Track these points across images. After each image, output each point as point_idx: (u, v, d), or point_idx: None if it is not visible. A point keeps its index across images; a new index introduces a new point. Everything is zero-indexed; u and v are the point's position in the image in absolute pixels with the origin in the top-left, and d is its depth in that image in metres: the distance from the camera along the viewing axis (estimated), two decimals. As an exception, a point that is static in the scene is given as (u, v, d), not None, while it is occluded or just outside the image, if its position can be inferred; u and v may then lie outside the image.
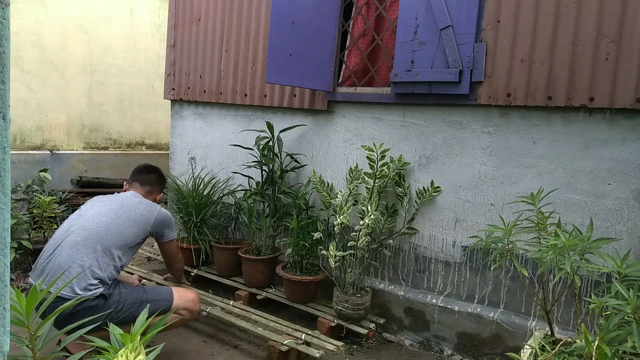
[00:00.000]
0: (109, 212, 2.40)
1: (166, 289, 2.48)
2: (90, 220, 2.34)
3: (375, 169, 2.80)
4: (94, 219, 2.34)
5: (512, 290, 2.63)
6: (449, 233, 2.81)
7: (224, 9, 3.71)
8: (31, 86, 5.11)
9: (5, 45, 0.75)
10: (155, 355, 1.26)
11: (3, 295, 0.79)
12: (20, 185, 4.68)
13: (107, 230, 2.32)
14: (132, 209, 2.46)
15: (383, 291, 3.03)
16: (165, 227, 2.61)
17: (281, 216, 3.31)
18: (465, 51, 2.58)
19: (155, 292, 2.42)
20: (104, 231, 2.31)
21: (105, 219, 2.35)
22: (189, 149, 4.12)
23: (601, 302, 1.44)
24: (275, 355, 2.53)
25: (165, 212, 2.62)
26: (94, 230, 2.29)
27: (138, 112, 6.16)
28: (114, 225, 2.35)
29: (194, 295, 2.52)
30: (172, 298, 2.40)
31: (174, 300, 2.40)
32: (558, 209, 2.41)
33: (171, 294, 2.42)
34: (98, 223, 2.33)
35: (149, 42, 6.14)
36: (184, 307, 2.43)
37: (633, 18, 2.18)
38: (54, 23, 5.21)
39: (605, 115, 2.32)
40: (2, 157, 0.76)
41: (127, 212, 2.44)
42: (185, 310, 2.44)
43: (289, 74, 2.93)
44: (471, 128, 2.70)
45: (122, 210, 2.44)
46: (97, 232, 2.29)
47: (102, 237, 2.29)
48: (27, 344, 1.31)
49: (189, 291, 2.58)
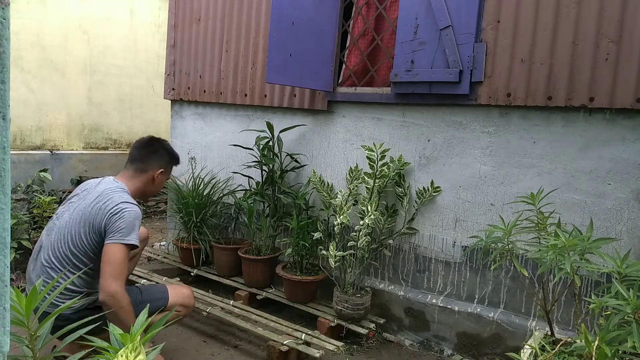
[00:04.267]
0: (68, 219, 2.16)
1: (160, 287, 2.43)
2: (54, 234, 2.16)
3: (375, 169, 2.80)
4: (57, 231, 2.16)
5: (512, 290, 2.63)
6: (449, 233, 2.81)
7: (224, 9, 3.71)
8: (31, 86, 5.11)
9: (5, 45, 0.75)
10: (155, 355, 1.26)
11: (3, 295, 0.79)
12: (20, 185, 4.68)
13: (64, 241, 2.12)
14: (93, 207, 2.12)
15: (383, 291, 3.03)
16: (115, 221, 2.07)
17: (281, 216, 3.31)
18: (465, 51, 2.58)
19: (151, 292, 2.35)
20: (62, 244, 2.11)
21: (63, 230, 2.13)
22: (189, 149, 4.12)
23: (601, 302, 1.44)
24: (275, 355, 2.53)
25: (123, 208, 2.09)
26: (54, 246, 2.12)
27: (138, 112, 6.16)
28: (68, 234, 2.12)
29: (188, 291, 2.46)
30: (167, 296, 2.34)
31: (170, 298, 2.34)
32: (558, 209, 2.41)
33: (166, 292, 2.36)
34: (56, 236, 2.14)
35: (149, 42, 6.14)
36: (180, 303, 2.36)
37: (633, 18, 2.18)
38: (54, 23, 5.21)
39: (605, 115, 2.32)
40: (2, 157, 0.76)
41: (87, 211, 2.12)
42: (182, 307, 2.38)
43: (289, 74, 2.93)
44: (471, 128, 2.70)
45: (84, 212, 2.13)
46: (57, 247, 2.12)
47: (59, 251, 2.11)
48: (27, 344, 1.31)
49: (183, 287, 2.53)
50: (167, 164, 2.43)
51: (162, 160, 2.38)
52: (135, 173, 2.32)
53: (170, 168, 2.47)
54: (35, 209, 3.89)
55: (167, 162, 2.42)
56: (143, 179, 2.33)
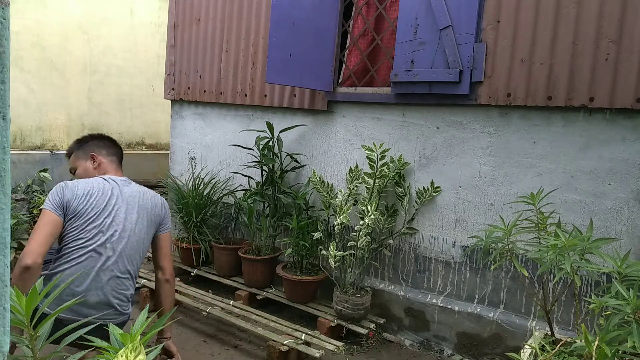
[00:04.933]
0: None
1: None
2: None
3: (375, 169, 2.80)
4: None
5: (512, 290, 2.63)
6: (449, 233, 2.81)
7: (224, 9, 3.71)
8: (31, 86, 5.11)
9: (5, 45, 0.75)
10: (156, 355, 1.26)
11: (3, 295, 0.79)
12: (20, 185, 4.68)
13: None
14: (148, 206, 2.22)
15: (383, 291, 3.03)
16: (167, 213, 2.31)
17: (281, 216, 3.31)
18: (465, 51, 2.58)
19: None
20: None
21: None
22: (189, 149, 4.12)
23: (601, 302, 1.44)
24: (275, 355, 2.53)
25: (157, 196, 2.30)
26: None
27: (138, 112, 6.16)
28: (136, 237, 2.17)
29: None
30: None
31: None
32: (558, 209, 2.41)
33: None
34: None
35: (149, 42, 6.14)
36: None
37: (633, 18, 2.18)
38: (54, 23, 5.21)
39: (605, 115, 2.32)
40: (2, 157, 0.76)
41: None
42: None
43: (289, 74, 2.93)
44: (471, 128, 2.70)
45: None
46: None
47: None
48: (27, 344, 1.31)
49: None
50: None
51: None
52: (119, 166, 2.36)
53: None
54: (35, 209, 3.89)
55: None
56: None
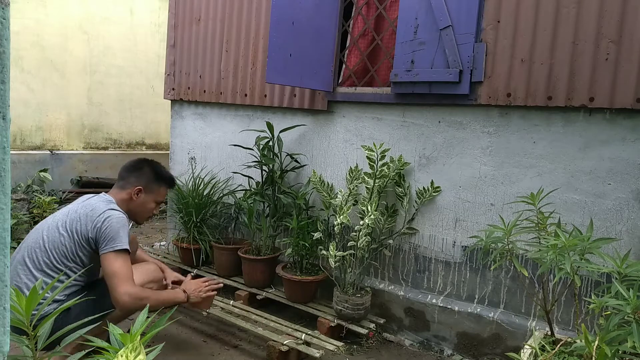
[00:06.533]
0: (52, 223, 2.19)
1: None
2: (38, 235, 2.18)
3: (375, 169, 2.80)
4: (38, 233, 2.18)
5: (512, 290, 2.63)
6: (449, 233, 2.81)
7: (224, 9, 3.71)
8: (31, 86, 5.11)
9: (5, 45, 0.75)
10: (155, 355, 1.26)
11: (3, 295, 0.79)
12: (20, 185, 4.68)
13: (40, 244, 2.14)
14: (75, 215, 2.18)
15: (383, 291, 3.03)
16: (102, 234, 2.11)
17: (281, 216, 3.31)
18: (465, 51, 2.58)
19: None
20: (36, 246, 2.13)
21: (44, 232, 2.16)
22: (189, 149, 4.12)
23: (601, 302, 1.44)
24: (275, 355, 2.53)
25: (107, 216, 2.12)
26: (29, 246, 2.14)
27: (138, 112, 6.16)
28: (52, 238, 2.14)
29: (153, 266, 2.36)
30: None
31: (137, 280, 2.17)
32: (558, 209, 2.41)
33: None
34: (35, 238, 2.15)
35: (149, 42, 6.15)
36: (150, 280, 2.26)
37: (633, 18, 2.18)
38: (54, 23, 5.21)
39: (605, 115, 2.32)
40: (2, 157, 0.76)
41: (71, 221, 2.17)
42: (152, 282, 2.30)
43: (289, 74, 2.93)
44: (471, 128, 2.70)
45: (68, 220, 2.18)
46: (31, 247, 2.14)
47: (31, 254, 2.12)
48: (27, 344, 1.31)
49: (148, 264, 2.39)
50: (150, 183, 2.37)
51: (142, 179, 2.35)
52: (116, 189, 2.34)
53: (155, 188, 2.39)
54: (35, 209, 3.89)
55: (150, 181, 2.37)
56: (123, 196, 2.31)
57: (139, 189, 2.34)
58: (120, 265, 2.06)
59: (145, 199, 2.37)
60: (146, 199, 2.37)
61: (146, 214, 2.45)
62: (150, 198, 2.39)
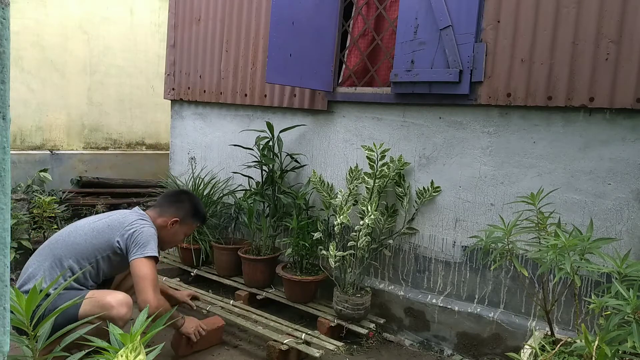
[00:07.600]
0: (82, 225, 2.29)
1: (82, 292, 2.13)
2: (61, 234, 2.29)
3: (375, 169, 2.80)
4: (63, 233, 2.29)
5: (512, 290, 2.63)
6: (449, 233, 2.81)
7: (224, 9, 3.71)
8: (31, 86, 5.11)
9: (5, 45, 0.75)
10: (155, 355, 1.26)
11: (3, 295, 0.79)
12: (20, 185, 4.68)
13: (64, 242, 2.22)
14: (104, 221, 2.29)
15: (383, 291, 3.03)
16: (134, 241, 2.20)
17: (281, 216, 3.31)
18: (465, 51, 2.58)
19: (64, 298, 1.98)
20: (60, 243, 2.22)
21: (68, 231, 2.27)
22: (189, 149, 4.12)
23: (601, 302, 1.44)
24: (275, 355, 2.53)
25: (139, 226, 2.25)
26: (51, 243, 2.24)
27: (138, 112, 6.16)
28: (72, 236, 2.23)
29: (115, 299, 2.09)
30: (79, 304, 2.05)
31: (82, 307, 2.05)
32: (558, 209, 2.41)
33: (82, 299, 2.06)
34: (57, 237, 2.26)
35: (149, 42, 6.14)
36: (95, 312, 1.98)
37: (633, 18, 2.18)
38: (54, 23, 5.21)
39: (605, 115, 2.32)
40: (2, 157, 0.76)
41: (97, 224, 2.27)
42: (100, 319, 1.99)
43: (289, 74, 2.93)
44: (471, 128, 2.70)
45: (94, 223, 2.29)
46: (54, 244, 2.22)
47: (55, 248, 2.19)
48: (27, 344, 1.31)
49: (115, 293, 2.15)
50: (186, 217, 2.46)
51: (181, 211, 2.44)
52: (153, 212, 2.42)
53: (189, 222, 2.49)
54: (35, 209, 3.89)
55: (187, 215, 2.46)
56: (159, 221, 2.39)
57: (176, 220, 2.42)
58: (150, 270, 2.16)
59: (178, 230, 2.46)
60: (179, 230, 2.47)
61: (174, 244, 2.56)
62: (182, 230, 2.49)
